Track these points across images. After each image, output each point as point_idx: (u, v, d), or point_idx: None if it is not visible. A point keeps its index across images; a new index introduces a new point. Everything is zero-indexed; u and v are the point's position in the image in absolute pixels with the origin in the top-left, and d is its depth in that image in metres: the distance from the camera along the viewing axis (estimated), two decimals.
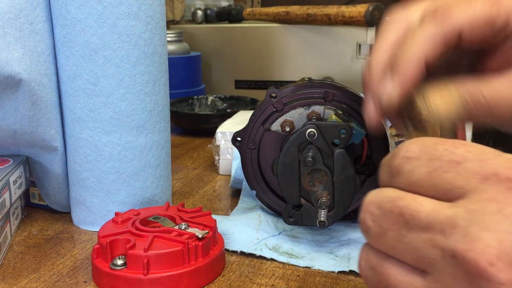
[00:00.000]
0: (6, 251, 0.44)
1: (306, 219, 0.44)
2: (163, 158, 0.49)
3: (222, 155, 0.64)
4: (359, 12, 1.02)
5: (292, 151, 0.42)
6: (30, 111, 0.45)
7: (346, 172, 0.41)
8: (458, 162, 0.23)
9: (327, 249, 0.43)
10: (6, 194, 0.44)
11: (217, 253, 0.40)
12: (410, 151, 0.24)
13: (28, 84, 0.43)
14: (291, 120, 0.45)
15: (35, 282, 0.39)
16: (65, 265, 0.42)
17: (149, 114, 0.47)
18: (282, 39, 1.10)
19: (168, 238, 0.38)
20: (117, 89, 0.45)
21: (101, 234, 0.39)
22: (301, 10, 1.06)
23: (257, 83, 1.14)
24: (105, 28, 0.43)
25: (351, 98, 0.44)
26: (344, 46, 1.07)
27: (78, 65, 0.44)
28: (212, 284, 0.39)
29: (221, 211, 0.53)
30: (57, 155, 0.48)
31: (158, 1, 0.46)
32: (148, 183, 0.48)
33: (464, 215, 0.21)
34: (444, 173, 0.23)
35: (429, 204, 0.22)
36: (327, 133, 0.41)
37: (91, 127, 0.45)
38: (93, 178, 0.47)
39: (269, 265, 0.41)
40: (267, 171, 0.48)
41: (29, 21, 0.43)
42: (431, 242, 0.22)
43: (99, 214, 0.47)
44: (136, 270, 0.37)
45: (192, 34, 1.16)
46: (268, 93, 0.45)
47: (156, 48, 0.46)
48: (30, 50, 0.44)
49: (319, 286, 0.38)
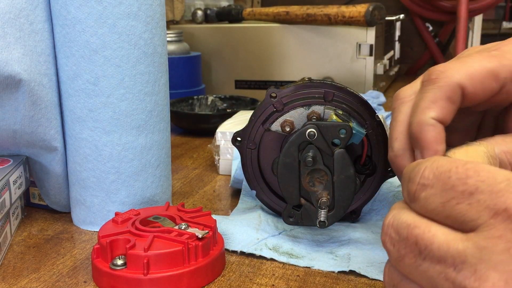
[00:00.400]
0: (6, 251, 0.44)
1: (306, 219, 0.44)
2: (163, 158, 0.49)
3: (222, 155, 0.64)
4: (359, 12, 1.02)
5: (292, 151, 0.42)
6: (30, 111, 0.45)
7: (346, 172, 0.41)
8: (471, 193, 0.23)
9: (327, 249, 0.43)
10: (6, 194, 0.44)
11: (217, 253, 0.40)
12: (425, 177, 0.24)
13: (28, 84, 0.43)
14: (291, 120, 0.45)
15: (35, 282, 0.39)
16: (65, 265, 0.42)
17: (149, 114, 0.47)
18: (282, 39, 1.10)
19: (168, 238, 0.38)
20: (117, 89, 0.45)
21: (101, 234, 0.39)
22: (301, 10, 1.06)
23: (257, 83, 1.14)
24: (105, 28, 0.43)
25: (351, 98, 0.44)
26: (344, 46, 1.07)
27: (78, 65, 0.44)
28: (212, 284, 0.39)
29: (221, 211, 0.53)
30: (57, 155, 0.48)
31: (158, 1, 0.46)
32: (148, 183, 0.48)
33: (474, 251, 0.21)
34: (457, 205, 0.23)
35: (443, 235, 0.23)
36: (327, 133, 0.41)
37: (91, 127, 0.45)
38: (93, 178, 0.47)
39: (269, 265, 0.41)
40: (267, 171, 0.48)
41: (29, 21, 0.43)
42: (443, 274, 0.22)
43: (99, 214, 0.48)
44: (136, 270, 0.37)
45: (192, 34, 1.16)
46: (268, 93, 0.45)
47: (156, 48, 0.46)
48: (30, 50, 0.44)
49: (319, 286, 0.38)
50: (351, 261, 0.41)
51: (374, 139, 0.44)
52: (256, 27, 1.13)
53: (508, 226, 0.21)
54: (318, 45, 1.08)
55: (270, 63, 1.12)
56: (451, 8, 1.44)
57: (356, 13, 1.02)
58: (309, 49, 1.09)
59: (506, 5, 1.99)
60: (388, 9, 1.28)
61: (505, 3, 1.97)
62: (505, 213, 0.21)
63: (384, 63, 1.15)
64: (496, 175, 0.23)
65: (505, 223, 0.21)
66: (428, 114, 0.30)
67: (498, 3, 1.44)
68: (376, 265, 0.40)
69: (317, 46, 1.08)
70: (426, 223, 0.24)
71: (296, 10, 1.07)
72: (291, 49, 1.10)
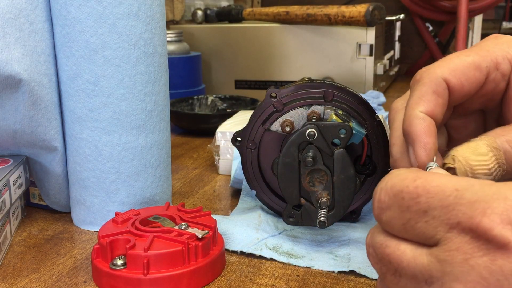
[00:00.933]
0: (6, 251, 0.44)
1: (306, 219, 0.44)
2: (163, 158, 0.49)
3: (222, 155, 0.64)
4: (359, 12, 1.02)
5: (292, 151, 0.42)
6: (30, 111, 0.45)
7: (346, 172, 0.41)
8: (425, 212, 0.23)
9: (327, 249, 0.43)
10: (6, 194, 0.44)
11: (217, 253, 0.40)
12: (382, 201, 0.25)
13: (28, 84, 0.43)
14: (291, 120, 0.45)
15: (35, 282, 0.39)
16: (65, 265, 0.42)
17: (149, 114, 0.47)
18: (282, 39, 1.10)
19: (168, 238, 0.38)
20: (117, 89, 0.45)
21: (101, 234, 0.39)
22: (301, 10, 1.06)
23: (257, 83, 1.14)
24: (105, 28, 0.43)
25: (351, 98, 0.44)
26: (344, 46, 1.07)
27: (78, 65, 0.44)
28: (212, 284, 0.39)
29: (221, 211, 0.53)
30: (57, 155, 0.48)
31: (158, 1, 0.46)
32: (148, 183, 0.48)
33: (436, 265, 0.22)
34: (416, 224, 0.24)
35: (410, 251, 0.24)
36: (327, 133, 0.41)
37: (91, 127, 0.45)
38: (93, 178, 0.47)
39: (269, 265, 0.41)
40: (267, 171, 0.48)
41: (29, 21, 0.43)
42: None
43: (99, 214, 0.48)
44: (136, 270, 0.37)
45: (192, 34, 1.16)
46: (268, 93, 0.45)
47: (156, 48, 0.46)
48: (30, 50, 0.44)
49: (319, 286, 0.38)
50: (351, 261, 0.41)
51: (374, 139, 0.44)
52: (256, 27, 1.13)
53: (464, 238, 0.22)
54: (318, 45, 1.08)
55: (270, 63, 1.12)
56: (451, 8, 1.44)
57: (356, 13, 1.02)
58: (309, 49, 1.09)
59: (506, 5, 1.99)
60: (388, 9, 1.28)
61: (505, 3, 1.97)
62: (459, 226, 0.22)
63: (384, 63, 1.15)
64: (444, 188, 0.23)
65: (460, 236, 0.22)
66: (416, 109, 0.31)
67: (498, 3, 1.44)
68: None
69: (317, 46, 1.08)
70: (396, 242, 0.25)
71: (296, 10, 1.07)
72: (291, 49, 1.10)
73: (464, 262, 0.21)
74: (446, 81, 0.31)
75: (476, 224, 0.21)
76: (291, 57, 1.11)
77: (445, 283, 0.22)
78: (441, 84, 0.31)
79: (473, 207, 0.22)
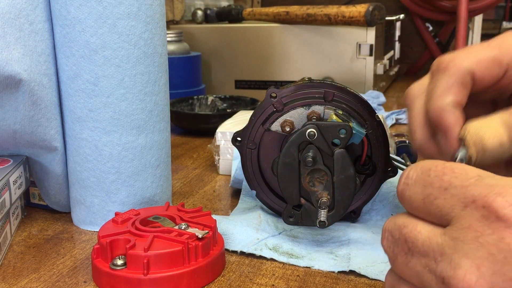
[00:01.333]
0: (6, 251, 0.44)
1: (306, 219, 0.44)
2: (163, 158, 0.49)
3: (222, 155, 0.64)
4: (359, 12, 1.02)
5: (292, 151, 0.42)
6: (30, 111, 0.45)
7: (346, 172, 0.41)
8: (446, 189, 0.24)
9: (327, 249, 0.43)
10: (6, 194, 0.44)
11: (217, 253, 0.40)
12: (409, 177, 0.26)
13: (28, 84, 0.43)
14: (291, 120, 0.45)
15: (35, 282, 0.39)
16: (65, 265, 0.42)
17: (149, 114, 0.47)
18: (282, 39, 1.10)
19: (168, 238, 0.38)
20: (117, 89, 0.45)
21: (101, 234, 0.39)
22: (301, 10, 1.06)
23: (257, 83, 1.14)
24: (105, 28, 0.43)
25: (351, 98, 0.44)
26: (344, 46, 1.07)
27: (78, 65, 0.44)
28: (212, 284, 0.39)
29: (221, 211, 0.53)
30: (57, 155, 0.48)
31: (158, 1, 0.46)
32: (148, 183, 0.48)
33: (449, 243, 0.23)
34: (435, 200, 0.25)
35: (426, 231, 0.25)
36: (327, 133, 0.41)
37: (91, 127, 0.45)
38: (93, 178, 0.47)
39: (269, 265, 0.41)
40: (267, 171, 0.48)
41: (29, 21, 0.43)
42: (427, 268, 0.24)
43: (99, 214, 0.47)
44: (136, 270, 0.37)
45: (192, 34, 1.16)
46: (268, 93, 0.45)
47: (156, 48, 0.46)
48: (30, 50, 0.44)
49: (319, 286, 0.38)
50: (351, 261, 0.41)
51: (374, 139, 0.44)
52: (256, 27, 1.13)
53: (475, 216, 0.23)
54: (318, 45, 1.08)
55: (270, 63, 1.12)
56: (451, 8, 1.44)
57: (356, 13, 1.02)
58: (309, 49, 1.09)
59: (506, 5, 1.99)
60: (388, 9, 1.28)
61: (505, 3, 1.97)
62: (473, 204, 0.23)
63: (384, 63, 1.15)
64: (468, 172, 0.24)
65: (473, 214, 0.23)
66: (445, 100, 0.32)
67: (498, 3, 1.44)
68: (376, 265, 0.40)
69: (317, 46, 1.08)
70: (414, 222, 0.26)
71: (296, 10, 1.07)
72: (291, 49, 1.10)
73: (474, 240, 0.22)
74: (472, 73, 0.32)
75: (489, 202, 0.22)
76: (291, 57, 1.11)
77: (453, 259, 0.22)
78: (468, 77, 0.32)
79: (490, 188, 0.23)
